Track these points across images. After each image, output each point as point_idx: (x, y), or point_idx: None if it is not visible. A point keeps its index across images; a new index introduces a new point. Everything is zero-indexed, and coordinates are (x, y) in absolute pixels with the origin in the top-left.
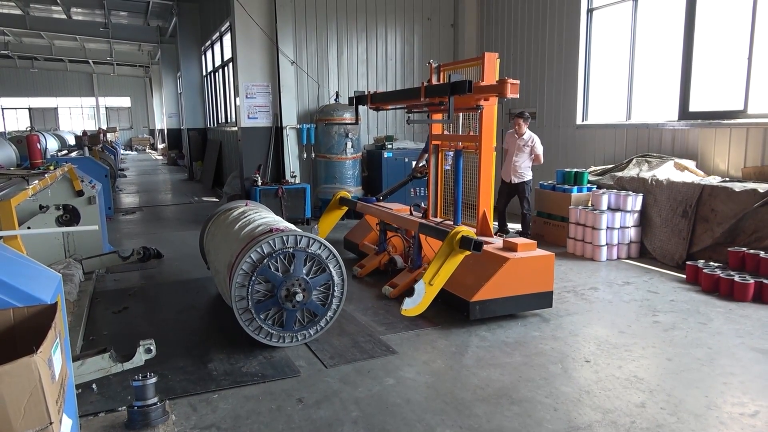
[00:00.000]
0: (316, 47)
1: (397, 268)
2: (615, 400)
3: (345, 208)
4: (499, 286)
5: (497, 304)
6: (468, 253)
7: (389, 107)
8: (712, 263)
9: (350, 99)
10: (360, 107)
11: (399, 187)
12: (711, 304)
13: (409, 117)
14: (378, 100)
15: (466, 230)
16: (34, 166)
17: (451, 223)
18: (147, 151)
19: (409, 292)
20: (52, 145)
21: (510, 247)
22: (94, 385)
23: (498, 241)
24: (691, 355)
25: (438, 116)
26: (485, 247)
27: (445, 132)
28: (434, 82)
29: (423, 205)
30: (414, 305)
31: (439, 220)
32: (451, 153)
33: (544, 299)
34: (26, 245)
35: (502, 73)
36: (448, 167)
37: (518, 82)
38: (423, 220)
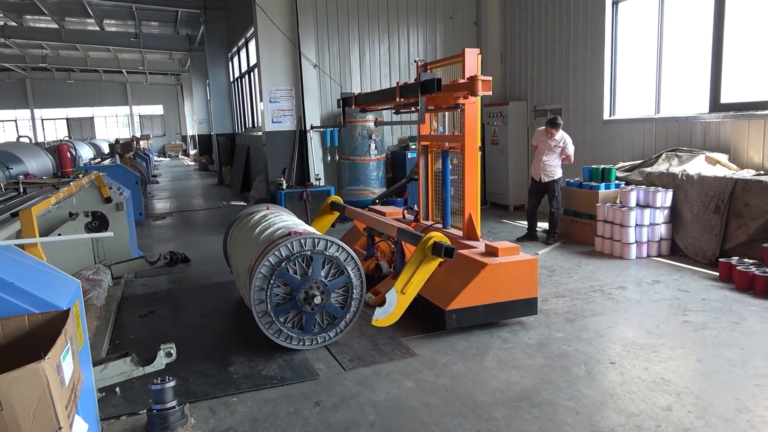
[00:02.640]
0: (338, 49)
1: (383, 274)
2: (640, 404)
3: (337, 213)
4: (478, 293)
5: (476, 313)
6: (441, 260)
7: (377, 108)
8: (746, 260)
9: (337, 101)
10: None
11: (395, 189)
12: (745, 302)
13: (376, 119)
14: (362, 102)
15: (439, 236)
16: (65, 174)
17: (441, 226)
18: (180, 157)
19: (382, 301)
20: (87, 153)
21: (491, 252)
22: (117, 389)
23: (480, 246)
24: (722, 356)
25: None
26: (465, 252)
27: (432, 132)
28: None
29: (415, 207)
30: (385, 315)
31: (429, 223)
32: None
33: (528, 306)
34: (57, 252)
35: (525, 70)
36: (451, 167)
37: (490, 78)
38: (403, 225)
